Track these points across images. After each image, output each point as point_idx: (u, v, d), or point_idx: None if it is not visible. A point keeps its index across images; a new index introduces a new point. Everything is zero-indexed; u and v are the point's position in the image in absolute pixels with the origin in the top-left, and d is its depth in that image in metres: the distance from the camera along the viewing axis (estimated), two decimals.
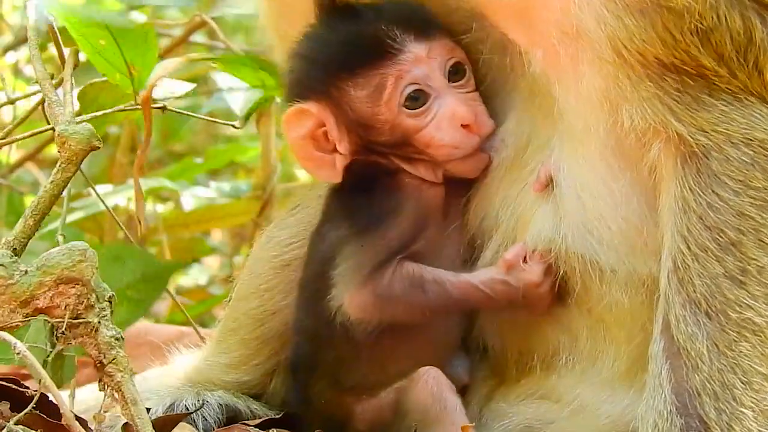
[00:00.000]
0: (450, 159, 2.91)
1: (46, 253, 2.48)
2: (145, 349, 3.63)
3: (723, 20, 2.58)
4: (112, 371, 2.42)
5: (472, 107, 2.90)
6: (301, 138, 2.95)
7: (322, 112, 2.93)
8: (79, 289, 2.45)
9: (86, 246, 2.48)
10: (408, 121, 2.89)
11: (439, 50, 2.91)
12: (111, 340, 2.44)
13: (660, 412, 2.57)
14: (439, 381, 2.83)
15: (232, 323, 3.30)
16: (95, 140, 2.75)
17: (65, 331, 2.44)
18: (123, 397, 2.40)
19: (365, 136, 2.92)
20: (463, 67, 2.93)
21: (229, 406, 3.19)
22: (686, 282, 2.59)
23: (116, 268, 2.90)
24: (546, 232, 2.81)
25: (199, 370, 3.31)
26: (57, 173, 2.74)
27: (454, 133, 2.88)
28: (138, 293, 2.94)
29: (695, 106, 2.60)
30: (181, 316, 5.27)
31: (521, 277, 2.84)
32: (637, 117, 2.62)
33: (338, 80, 2.90)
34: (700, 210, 2.60)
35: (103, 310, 2.46)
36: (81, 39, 3.19)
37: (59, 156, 2.75)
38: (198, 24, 5.15)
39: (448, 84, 2.91)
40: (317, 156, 2.96)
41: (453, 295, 2.86)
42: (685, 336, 2.57)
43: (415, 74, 2.88)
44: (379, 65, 2.88)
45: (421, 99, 2.88)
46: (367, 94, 2.89)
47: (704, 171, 2.60)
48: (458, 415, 2.80)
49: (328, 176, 2.98)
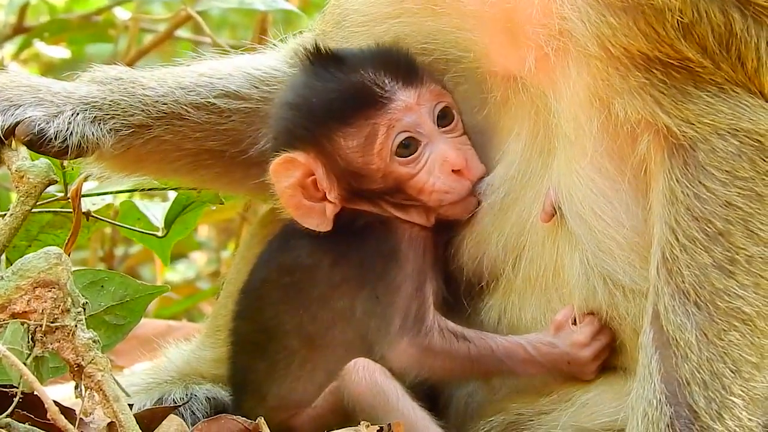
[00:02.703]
0: (442, 204, 2.89)
1: (22, 258, 2.47)
2: (135, 343, 3.64)
3: (703, 14, 2.59)
4: (92, 371, 2.41)
5: (462, 152, 2.89)
6: (290, 187, 2.90)
7: (311, 162, 2.89)
8: (55, 292, 2.44)
9: (61, 251, 2.47)
10: (400, 169, 2.87)
11: (427, 96, 2.89)
12: (89, 341, 2.43)
13: (650, 401, 2.58)
14: (370, 371, 2.79)
15: (220, 320, 3.31)
16: (53, 174, 2.76)
17: (42, 335, 2.43)
18: (105, 396, 2.40)
19: (356, 184, 2.89)
20: (451, 111, 2.92)
21: (218, 399, 3.20)
22: (675, 272, 2.60)
23: (94, 293, 2.88)
24: (567, 260, 2.79)
25: (187, 363, 3.33)
26: (16, 206, 2.74)
27: (445, 179, 2.87)
28: (116, 318, 2.92)
29: (681, 98, 2.61)
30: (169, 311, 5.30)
31: (569, 339, 2.80)
32: (629, 109, 2.62)
33: (328, 130, 2.87)
34: (687, 201, 2.61)
35: (79, 313, 2.45)
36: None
37: (17, 190, 2.75)
38: (183, 19, 5.15)
39: (437, 129, 2.89)
40: (307, 205, 2.92)
41: (496, 353, 2.82)
42: (674, 326, 2.58)
43: (406, 122, 2.86)
44: (369, 114, 2.85)
45: (413, 146, 2.87)
46: (358, 144, 2.86)
47: (691, 162, 2.61)
48: (402, 400, 2.77)
49: (319, 224, 2.92)
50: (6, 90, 2.96)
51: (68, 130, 2.92)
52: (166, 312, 5.25)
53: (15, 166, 2.79)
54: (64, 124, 2.92)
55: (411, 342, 2.82)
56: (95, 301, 2.90)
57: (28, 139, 2.89)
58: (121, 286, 2.95)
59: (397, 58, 2.90)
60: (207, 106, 3.07)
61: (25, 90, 2.97)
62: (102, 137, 2.96)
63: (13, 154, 2.85)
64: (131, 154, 3.06)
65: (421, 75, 2.90)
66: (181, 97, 3.05)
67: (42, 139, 2.90)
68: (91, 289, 2.90)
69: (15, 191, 2.79)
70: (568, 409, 2.85)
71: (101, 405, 2.42)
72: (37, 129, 2.90)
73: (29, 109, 2.92)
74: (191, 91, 3.06)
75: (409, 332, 2.82)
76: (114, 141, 2.98)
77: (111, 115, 2.99)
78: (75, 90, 3.01)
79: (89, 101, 2.98)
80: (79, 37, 5.79)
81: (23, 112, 2.92)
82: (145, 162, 3.12)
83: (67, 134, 2.91)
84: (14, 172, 2.79)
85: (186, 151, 3.10)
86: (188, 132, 3.07)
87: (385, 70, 2.87)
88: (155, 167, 3.16)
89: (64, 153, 2.94)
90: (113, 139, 2.98)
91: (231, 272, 3.33)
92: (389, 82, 2.86)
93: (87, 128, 2.95)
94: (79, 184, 3.08)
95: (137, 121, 3.01)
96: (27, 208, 2.74)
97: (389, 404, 2.77)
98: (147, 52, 5.46)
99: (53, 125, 2.91)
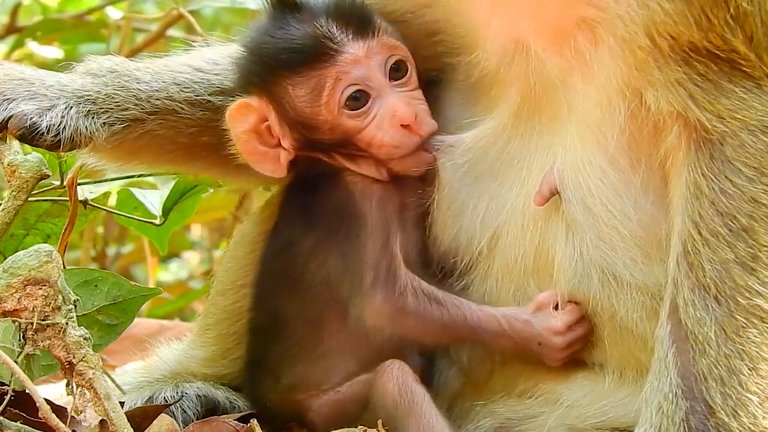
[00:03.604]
0: (391, 158, 2.89)
1: (12, 256, 2.48)
2: (127, 342, 3.64)
3: (757, 5, 2.57)
4: (83, 369, 2.42)
5: (412, 106, 2.88)
6: (245, 132, 2.92)
7: (264, 108, 2.91)
8: (46, 290, 2.45)
9: (52, 248, 2.48)
10: (348, 122, 2.87)
11: (378, 49, 2.88)
12: (80, 339, 2.44)
13: (665, 395, 2.56)
14: (404, 372, 2.81)
15: (210, 318, 3.32)
16: (45, 168, 2.77)
17: (33, 333, 2.43)
18: (96, 394, 2.40)
19: (306, 134, 2.90)
20: (405, 64, 2.91)
21: (208, 398, 3.20)
22: (696, 266, 2.58)
23: (87, 292, 2.89)
24: (559, 247, 2.78)
25: (179, 362, 3.32)
26: (8, 201, 2.74)
27: (393, 133, 2.87)
28: (109, 318, 2.92)
29: (715, 92, 2.59)
30: (162, 311, 5.30)
31: (546, 322, 2.79)
32: (663, 101, 2.60)
33: (278, 77, 2.88)
34: (712, 195, 2.59)
35: (70, 311, 2.45)
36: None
37: (9, 185, 2.76)
38: (175, 18, 5.15)
39: (389, 83, 2.88)
40: (261, 150, 2.94)
41: (470, 321, 2.82)
42: (693, 320, 2.57)
43: (355, 75, 2.85)
44: (317, 66, 2.85)
45: (362, 99, 2.86)
46: (306, 94, 2.87)
47: (718, 157, 2.59)
48: (427, 406, 2.79)
49: (273, 170, 2.95)
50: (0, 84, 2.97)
51: (61, 124, 2.92)
52: (159, 311, 5.25)
53: (7, 161, 2.80)
54: (57, 117, 2.92)
55: (385, 299, 2.82)
56: (88, 301, 2.90)
57: (20, 133, 2.89)
58: (115, 286, 2.95)
59: (350, 9, 2.89)
60: (202, 104, 3.07)
61: (18, 83, 2.97)
62: (95, 131, 2.96)
63: (6, 148, 2.85)
64: (125, 146, 3.06)
65: (374, 27, 2.89)
66: (176, 93, 3.05)
67: (34, 133, 2.90)
68: (85, 289, 2.90)
69: (7, 186, 2.78)
70: (555, 411, 2.85)
71: (92, 403, 2.42)
72: (29, 123, 2.89)
73: (22, 104, 2.92)
74: (186, 88, 3.06)
75: (383, 289, 2.82)
76: (108, 134, 2.98)
77: (105, 109, 2.99)
78: (69, 83, 3.01)
79: (83, 95, 2.99)
80: (71, 36, 5.79)
81: (16, 106, 2.92)
82: (140, 153, 3.12)
83: (60, 128, 2.91)
84: (6, 167, 2.79)
85: (181, 144, 3.11)
86: (183, 127, 3.07)
87: (337, 22, 2.86)
88: (150, 158, 3.16)
89: (57, 146, 2.93)
90: (107, 132, 2.98)
91: (220, 271, 3.32)
92: (339, 33, 2.86)
93: (80, 122, 2.95)
94: (75, 172, 3.09)
95: (131, 115, 3.01)
96: (19, 203, 2.75)
97: (414, 407, 2.78)
98: (139, 52, 5.45)
99: (45, 119, 2.91)
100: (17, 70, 3.04)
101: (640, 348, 2.76)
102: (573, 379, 2.87)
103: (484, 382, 2.98)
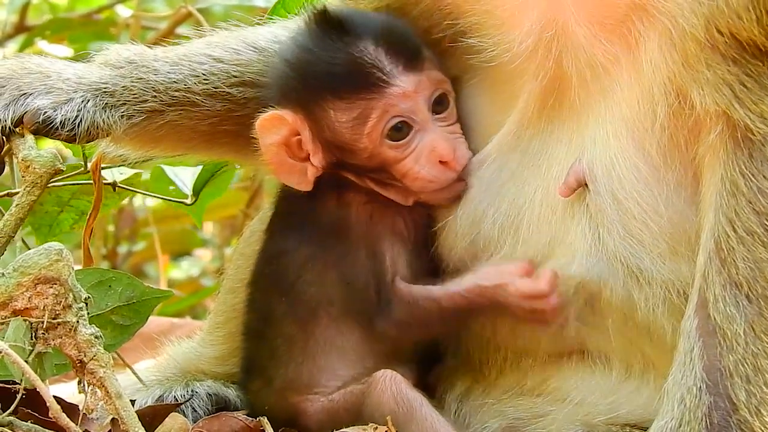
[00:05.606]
0: (423, 191, 2.88)
1: (22, 255, 2.47)
2: (138, 341, 3.64)
3: None
4: (94, 368, 2.42)
5: (452, 143, 2.87)
6: (275, 144, 2.89)
7: (298, 123, 2.88)
8: (56, 288, 2.44)
9: (62, 246, 2.47)
10: (388, 152, 2.85)
11: (426, 84, 2.86)
12: (91, 337, 2.43)
13: (689, 388, 2.55)
14: (397, 382, 2.79)
15: (220, 317, 3.33)
16: (59, 163, 2.76)
17: (44, 332, 2.43)
18: (107, 393, 2.40)
19: (340, 156, 2.88)
20: (447, 98, 2.90)
21: (219, 396, 3.20)
22: (729, 263, 2.56)
23: (101, 293, 2.89)
24: (583, 238, 2.75)
25: (189, 361, 3.33)
26: (22, 196, 2.74)
27: (430, 168, 2.85)
28: (123, 318, 2.92)
29: (760, 92, 2.56)
30: (173, 308, 5.31)
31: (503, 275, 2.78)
32: (708, 99, 2.58)
33: (320, 99, 2.84)
34: (750, 194, 2.57)
35: (81, 309, 2.45)
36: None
37: (23, 180, 2.76)
38: (184, 16, 5.16)
39: (431, 116, 2.87)
40: (289, 162, 2.91)
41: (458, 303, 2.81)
42: (722, 316, 2.55)
43: (402, 108, 2.83)
44: (363, 95, 2.82)
45: (404, 130, 2.84)
46: (349, 120, 2.84)
47: (758, 157, 2.57)
48: (426, 410, 2.78)
49: (299, 183, 2.92)
50: (16, 78, 2.95)
51: (77, 118, 2.91)
52: (170, 309, 5.26)
53: (21, 156, 2.79)
54: (72, 111, 2.91)
55: (386, 321, 2.84)
56: (102, 301, 2.91)
57: (35, 128, 2.88)
58: (129, 287, 2.95)
59: (400, 38, 2.85)
60: (222, 95, 3.05)
61: (35, 77, 2.96)
62: (113, 123, 2.95)
63: (21, 143, 2.86)
64: (145, 136, 3.04)
65: (423, 60, 2.86)
66: (194, 85, 3.02)
67: (49, 127, 2.89)
68: (99, 289, 2.90)
69: (21, 181, 2.78)
70: (564, 409, 2.84)
71: (104, 400, 2.42)
72: (42, 118, 2.89)
73: (38, 99, 2.91)
74: (205, 80, 3.03)
75: (381, 312, 2.84)
76: (126, 126, 2.97)
77: (122, 101, 2.98)
78: (87, 75, 3.00)
79: (100, 87, 2.97)
80: (80, 35, 5.80)
81: (32, 101, 2.90)
82: (160, 142, 3.10)
83: (76, 122, 2.90)
84: (20, 161, 2.79)
85: (201, 132, 3.09)
86: (202, 117, 3.05)
87: (388, 51, 2.82)
88: (171, 146, 3.14)
89: (74, 139, 2.92)
90: (125, 124, 2.97)
91: (230, 269, 3.33)
92: (389, 64, 2.82)
93: (97, 115, 2.93)
94: (98, 157, 3.09)
95: (149, 107, 2.99)
96: (33, 198, 2.73)
97: (414, 413, 2.76)
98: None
99: (60, 113, 2.90)
100: (34, 63, 3.02)
101: (646, 341, 2.75)
102: (581, 376, 2.86)
103: (494, 380, 2.97)
